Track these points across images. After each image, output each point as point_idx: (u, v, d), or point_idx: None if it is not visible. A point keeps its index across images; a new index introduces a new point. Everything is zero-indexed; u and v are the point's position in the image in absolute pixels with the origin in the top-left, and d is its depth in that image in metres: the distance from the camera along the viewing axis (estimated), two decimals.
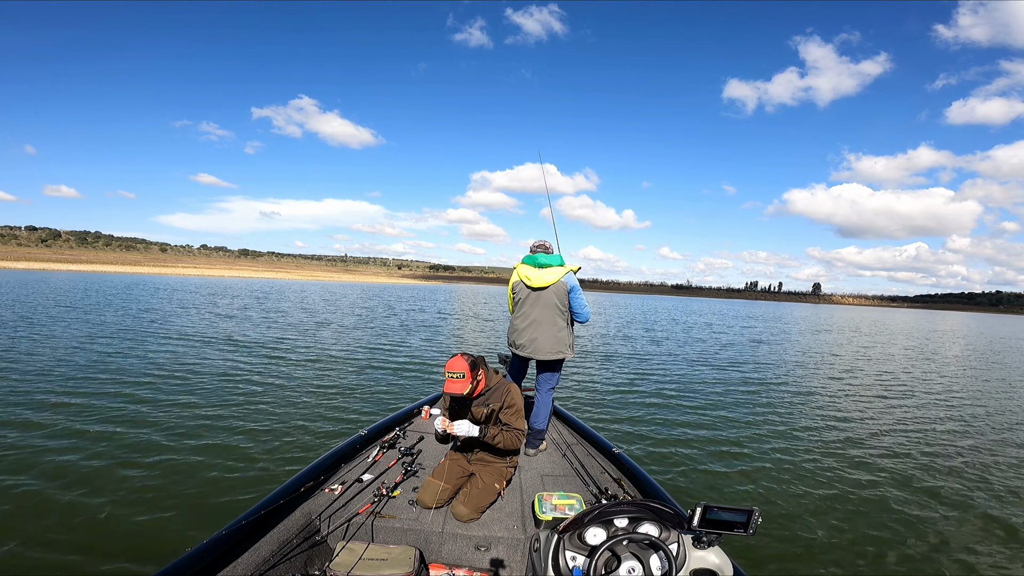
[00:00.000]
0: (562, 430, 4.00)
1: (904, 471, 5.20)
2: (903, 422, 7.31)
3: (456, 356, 2.69)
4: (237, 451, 4.71)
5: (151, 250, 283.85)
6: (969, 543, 3.78)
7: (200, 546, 1.98)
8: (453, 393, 2.65)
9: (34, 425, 5.15)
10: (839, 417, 7.40)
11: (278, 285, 61.71)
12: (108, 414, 5.62)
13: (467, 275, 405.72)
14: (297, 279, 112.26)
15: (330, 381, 7.97)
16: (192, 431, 5.19)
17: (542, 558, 1.84)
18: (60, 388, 6.64)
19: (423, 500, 2.69)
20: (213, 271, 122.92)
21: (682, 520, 1.71)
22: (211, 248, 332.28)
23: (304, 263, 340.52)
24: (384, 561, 2.21)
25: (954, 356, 17.88)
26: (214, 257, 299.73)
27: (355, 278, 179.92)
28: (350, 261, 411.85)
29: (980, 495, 4.66)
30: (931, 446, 6.13)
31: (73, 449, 4.56)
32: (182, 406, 6.08)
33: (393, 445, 3.40)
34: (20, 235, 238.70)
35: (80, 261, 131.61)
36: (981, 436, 6.72)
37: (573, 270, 3.46)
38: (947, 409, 8.38)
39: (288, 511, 2.42)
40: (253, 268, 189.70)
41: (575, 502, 2.62)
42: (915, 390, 10.13)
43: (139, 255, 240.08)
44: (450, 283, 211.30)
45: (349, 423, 5.74)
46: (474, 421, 2.80)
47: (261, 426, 5.46)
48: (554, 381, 3.59)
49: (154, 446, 4.72)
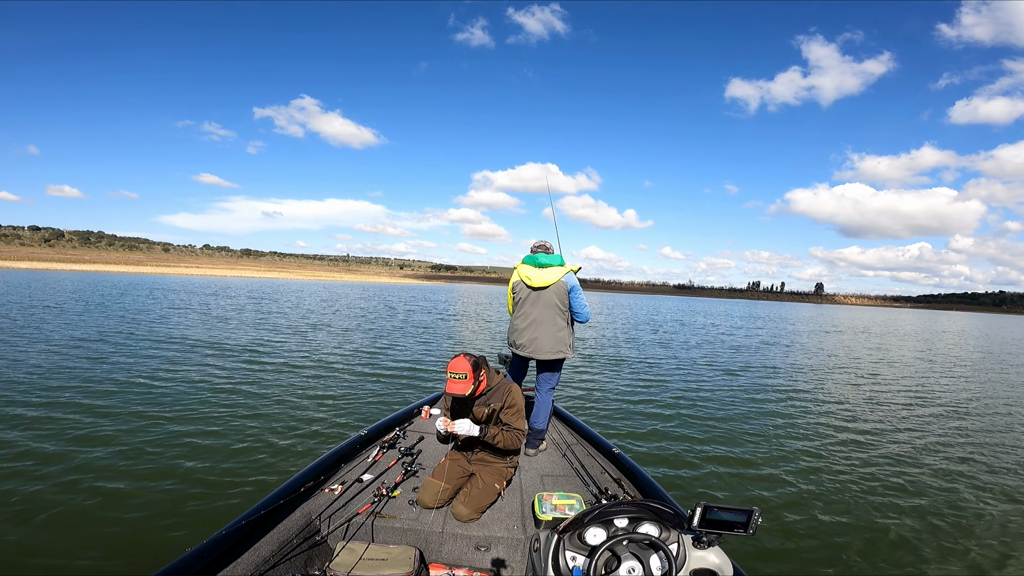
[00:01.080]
0: (562, 430, 4.00)
1: (911, 472, 5.18)
2: (911, 423, 7.28)
3: (459, 356, 2.68)
4: (237, 451, 4.72)
5: (154, 250, 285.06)
6: (975, 545, 3.76)
7: (200, 546, 1.99)
8: (455, 394, 2.65)
9: (31, 423, 5.17)
10: (840, 417, 7.37)
11: (280, 285, 61.82)
12: (107, 414, 5.63)
13: (469, 275, 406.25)
14: (300, 279, 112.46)
15: (330, 381, 7.98)
16: (192, 431, 5.21)
17: (542, 558, 1.84)
18: (62, 383, 6.66)
19: (423, 500, 2.69)
20: (216, 271, 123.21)
21: (682, 520, 1.71)
22: (214, 248, 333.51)
23: (306, 263, 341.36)
24: (384, 561, 2.22)
25: (965, 358, 17.71)
26: (217, 257, 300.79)
27: (357, 278, 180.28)
28: (352, 261, 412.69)
29: (994, 500, 4.62)
30: (944, 448, 6.10)
31: (73, 448, 4.58)
32: (182, 406, 6.10)
33: (393, 445, 3.41)
34: (23, 235, 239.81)
35: (83, 261, 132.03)
36: (1002, 443, 6.62)
37: (573, 270, 3.46)
38: (962, 415, 8.23)
39: (288, 511, 2.43)
40: (255, 268, 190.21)
41: (575, 502, 2.62)
42: (924, 392, 10.08)
43: (142, 255, 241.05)
44: (452, 283, 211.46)
45: (349, 423, 5.75)
46: (475, 421, 2.80)
47: (261, 426, 5.47)
48: (554, 381, 3.59)
49: (154, 447, 4.73)
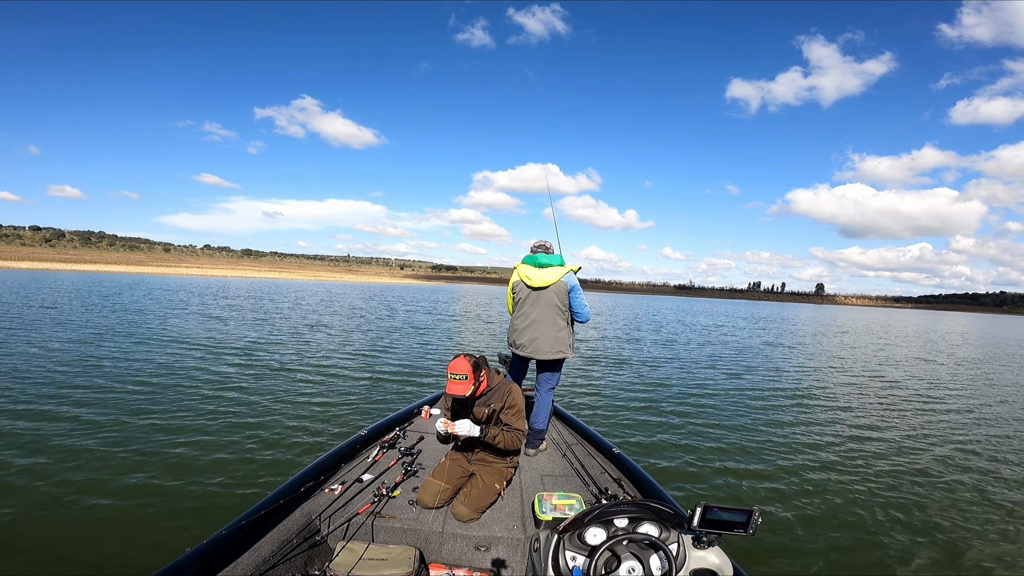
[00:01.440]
0: (562, 430, 4.00)
1: (913, 473, 5.17)
2: (919, 424, 7.26)
3: (459, 357, 2.68)
4: (236, 452, 4.71)
5: (155, 250, 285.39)
6: (977, 545, 3.75)
7: (200, 546, 1.98)
8: (456, 395, 2.65)
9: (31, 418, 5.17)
10: (843, 418, 7.37)
11: (281, 285, 61.85)
12: (108, 413, 5.64)
13: (470, 275, 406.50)
14: (300, 279, 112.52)
15: (330, 382, 7.97)
16: (191, 431, 5.20)
17: (542, 558, 1.84)
18: (66, 381, 6.67)
19: (423, 500, 2.69)
20: (216, 271, 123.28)
21: (682, 520, 1.71)
22: (214, 248, 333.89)
23: (307, 263, 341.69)
24: (384, 561, 2.21)
25: (969, 358, 17.69)
26: (217, 257, 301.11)
27: (358, 278, 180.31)
28: (353, 261, 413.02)
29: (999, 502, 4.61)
30: (948, 449, 6.08)
31: (73, 448, 4.58)
32: (182, 405, 6.09)
33: (393, 445, 3.41)
34: (24, 235, 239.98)
35: (84, 261, 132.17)
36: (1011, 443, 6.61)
37: (573, 270, 3.47)
38: (969, 413, 8.26)
39: (288, 511, 2.42)
40: (256, 268, 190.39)
41: (575, 502, 2.62)
42: (929, 392, 10.07)
43: (143, 255, 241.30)
44: (453, 283, 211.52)
45: (349, 423, 5.74)
46: (475, 421, 2.80)
47: (260, 426, 5.47)
48: (554, 381, 3.59)
49: (153, 447, 4.72)
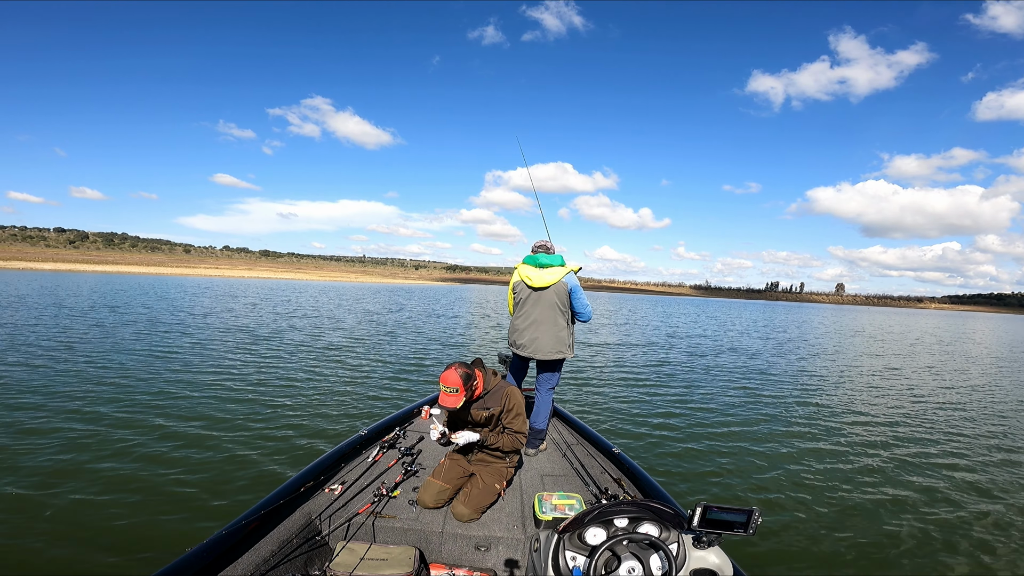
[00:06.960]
0: (562, 430, 3.98)
1: (916, 473, 5.06)
2: (928, 428, 7.08)
3: (450, 368, 2.62)
4: (236, 451, 4.72)
5: (175, 251, 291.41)
6: (979, 547, 3.66)
7: (200, 546, 1.99)
8: (447, 407, 2.63)
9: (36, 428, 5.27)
10: (846, 419, 7.21)
11: (299, 286, 62.60)
12: (107, 413, 5.68)
13: (484, 276, 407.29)
14: (317, 280, 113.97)
15: (330, 382, 7.98)
16: (191, 431, 5.21)
17: (542, 558, 1.83)
18: (78, 387, 6.80)
19: (423, 500, 2.69)
20: (235, 272, 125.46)
21: (682, 520, 1.70)
22: (233, 249, 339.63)
23: (323, 264, 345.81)
24: (384, 561, 2.22)
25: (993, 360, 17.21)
26: (236, 258, 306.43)
27: (374, 279, 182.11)
28: (368, 262, 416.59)
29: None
30: (956, 446, 5.93)
31: (73, 449, 4.60)
32: (182, 406, 6.11)
33: (393, 445, 3.41)
34: (49, 236, 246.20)
35: (107, 262, 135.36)
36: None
37: (574, 270, 3.45)
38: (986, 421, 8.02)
39: (288, 511, 2.44)
40: (273, 269, 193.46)
41: (575, 502, 2.60)
42: (934, 396, 9.80)
43: (164, 256, 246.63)
44: (467, 284, 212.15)
45: (349, 423, 5.75)
46: (474, 423, 2.79)
47: (260, 426, 5.48)
48: (554, 381, 3.58)
49: (152, 447, 4.73)
